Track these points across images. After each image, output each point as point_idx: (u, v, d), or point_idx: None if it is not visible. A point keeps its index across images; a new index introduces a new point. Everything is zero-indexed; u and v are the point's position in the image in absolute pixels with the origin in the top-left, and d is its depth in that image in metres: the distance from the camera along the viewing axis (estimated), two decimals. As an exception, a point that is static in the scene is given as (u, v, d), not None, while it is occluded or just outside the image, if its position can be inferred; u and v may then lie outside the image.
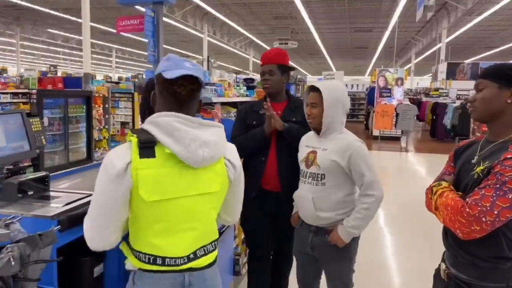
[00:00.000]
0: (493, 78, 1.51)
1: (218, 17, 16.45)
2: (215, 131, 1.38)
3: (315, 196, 2.14)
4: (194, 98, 1.40)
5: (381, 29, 17.62)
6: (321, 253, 2.19)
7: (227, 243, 2.87)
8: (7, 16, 17.64)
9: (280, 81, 2.49)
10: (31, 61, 29.55)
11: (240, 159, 2.39)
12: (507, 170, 1.36)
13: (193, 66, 1.39)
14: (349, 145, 2.09)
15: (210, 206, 1.43)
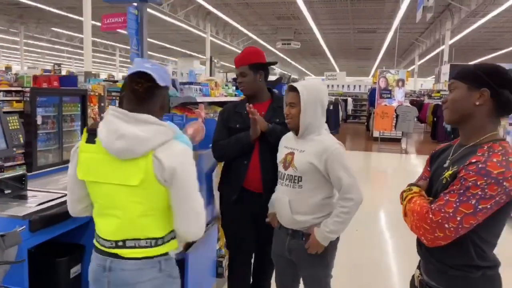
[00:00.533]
0: (463, 78, 1.46)
1: (221, 17, 16.42)
2: (148, 128, 1.44)
3: (292, 199, 2.10)
4: (152, 95, 1.50)
5: (384, 30, 17.53)
6: (298, 257, 2.16)
7: (210, 245, 2.84)
8: (11, 14, 17.72)
9: (254, 81, 2.43)
10: (36, 60, 29.68)
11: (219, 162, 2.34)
12: (471, 175, 1.31)
13: (152, 66, 1.50)
14: (326, 147, 2.04)
15: (131, 199, 1.48)
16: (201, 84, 3.05)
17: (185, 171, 1.47)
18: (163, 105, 1.58)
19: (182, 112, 2.88)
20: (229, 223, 2.58)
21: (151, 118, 1.47)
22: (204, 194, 2.60)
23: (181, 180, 1.47)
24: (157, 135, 1.44)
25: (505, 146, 1.38)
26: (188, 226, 1.53)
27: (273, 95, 2.56)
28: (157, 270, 1.53)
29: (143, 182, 1.44)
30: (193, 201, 1.52)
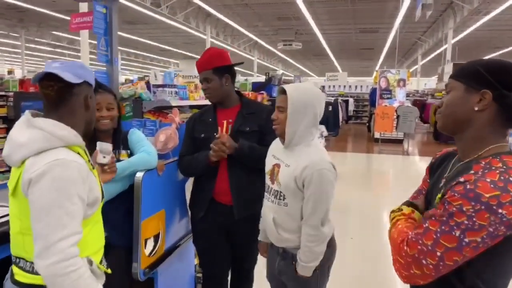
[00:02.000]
0: (461, 77, 1.16)
1: (221, 19, 16.27)
2: (32, 133, 1.28)
3: (276, 216, 1.90)
4: (68, 95, 1.36)
5: (386, 29, 17.28)
6: (287, 280, 1.97)
7: (187, 260, 2.66)
8: (11, 18, 17.67)
9: (220, 86, 2.22)
10: (38, 63, 29.73)
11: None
12: (455, 197, 1.03)
13: (61, 65, 1.35)
14: (309, 165, 1.77)
15: (13, 212, 1.33)
16: (177, 87, 2.86)
17: (38, 185, 1.21)
18: (88, 104, 1.42)
19: (156, 117, 2.69)
20: (199, 240, 2.38)
21: (41, 122, 1.30)
22: (176, 206, 2.42)
23: (32, 194, 1.22)
24: (32, 141, 1.27)
25: (506, 161, 1.08)
26: (34, 252, 1.23)
27: (242, 100, 2.35)
28: None
29: (15, 194, 1.29)
30: (41, 226, 1.22)
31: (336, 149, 11.89)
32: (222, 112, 2.29)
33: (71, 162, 1.27)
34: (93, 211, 1.39)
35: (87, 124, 1.45)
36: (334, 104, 11.78)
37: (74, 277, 1.22)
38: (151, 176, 2.07)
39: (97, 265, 1.40)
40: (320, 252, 1.84)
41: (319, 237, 1.81)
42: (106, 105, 2.04)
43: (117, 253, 2.05)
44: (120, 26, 18.18)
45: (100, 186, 1.44)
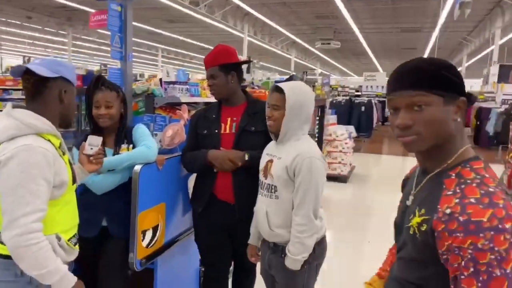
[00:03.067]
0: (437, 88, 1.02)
1: (259, 18, 16.32)
2: (7, 122, 1.42)
3: (269, 209, 1.95)
4: (43, 88, 1.49)
5: (429, 29, 16.69)
6: (276, 273, 2.01)
7: (191, 254, 2.69)
8: (60, 17, 18.57)
9: (226, 83, 2.23)
10: (85, 60, 31.06)
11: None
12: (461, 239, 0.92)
13: (41, 61, 1.50)
14: (299, 154, 1.86)
15: None
16: (188, 84, 2.91)
17: (7, 168, 1.36)
18: (62, 98, 1.54)
19: (166, 113, 2.76)
20: (200, 236, 2.40)
21: (16, 112, 1.44)
22: (179, 200, 2.47)
23: (1, 175, 1.37)
24: (8, 129, 1.41)
25: (477, 169, 1.02)
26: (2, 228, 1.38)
27: (248, 98, 2.35)
28: (12, 274, 1.44)
29: None
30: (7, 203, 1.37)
31: (369, 151, 11.64)
32: (227, 110, 2.31)
33: (37, 148, 1.40)
34: (61, 192, 1.51)
35: (63, 116, 1.57)
36: (368, 104, 11.51)
37: (35, 249, 1.37)
38: (150, 170, 2.12)
39: (66, 241, 1.55)
40: (309, 244, 1.85)
41: (309, 227, 1.83)
42: (105, 103, 2.10)
43: (117, 243, 2.13)
44: (161, 24, 18.71)
45: (70, 171, 1.57)
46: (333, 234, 4.84)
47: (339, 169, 7.44)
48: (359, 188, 7.34)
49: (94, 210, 2.09)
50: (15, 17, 17.47)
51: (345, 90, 15.51)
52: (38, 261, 1.38)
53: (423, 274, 1.07)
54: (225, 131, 2.25)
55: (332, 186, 7.09)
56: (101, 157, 1.84)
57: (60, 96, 1.53)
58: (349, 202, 6.44)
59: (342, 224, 5.15)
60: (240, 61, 2.30)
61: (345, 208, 5.91)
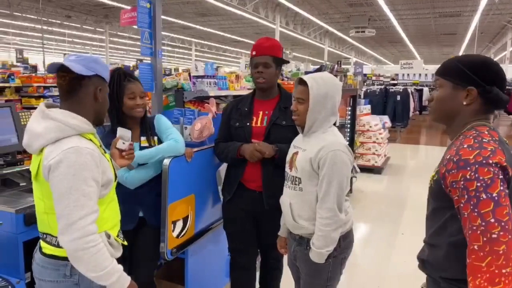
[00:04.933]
0: (446, 75, 1.35)
1: (290, 8, 16.16)
2: (47, 124, 1.42)
3: (293, 201, 1.95)
4: (78, 86, 1.48)
5: (470, 12, 15.93)
6: (301, 265, 2.01)
7: (221, 244, 2.75)
8: (97, 15, 19.15)
9: (275, 75, 2.28)
10: (122, 56, 31.93)
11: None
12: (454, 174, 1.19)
13: (76, 58, 1.48)
14: (324, 147, 1.84)
15: (37, 195, 1.50)
16: (216, 77, 2.95)
17: (57, 171, 1.36)
18: (96, 96, 1.52)
19: (195, 107, 2.82)
20: (227, 222, 2.46)
21: (55, 113, 1.44)
22: (208, 192, 2.52)
23: (52, 179, 1.38)
24: (48, 131, 1.41)
25: (480, 129, 1.28)
26: (58, 229, 1.39)
27: (281, 93, 2.38)
28: (61, 274, 1.48)
29: (37, 178, 1.46)
30: (62, 207, 1.37)
31: (405, 141, 11.35)
32: (259, 103, 2.34)
33: (84, 149, 1.40)
34: (107, 191, 1.53)
35: (97, 114, 1.56)
36: (403, 93, 11.18)
37: (93, 251, 1.38)
38: (179, 163, 2.18)
39: (115, 238, 1.57)
40: (334, 237, 1.84)
41: (334, 220, 1.81)
42: (140, 94, 2.17)
43: (149, 233, 2.21)
44: (194, 18, 18.92)
45: (112, 168, 1.58)
46: (366, 225, 4.79)
47: (373, 160, 7.31)
48: (394, 180, 7.18)
49: (131, 202, 2.15)
50: (55, 17, 18.16)
51: (379, 79, 15.09)
52: (97, 263, 1.39)
53: (443, 219, 1.31)
54: (256, 124, 2.29)
55: (366, 177, 6.97)
56: (132, 151, 1.87)
57: (95, 94, 1.51)
58: (383, 193, 6.32)
59: (375, 215, 5.09)
60: (284, 59, 2.36)
61: (379, 199, 5.81)
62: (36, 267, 1.54)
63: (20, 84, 6.19)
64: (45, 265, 1.50)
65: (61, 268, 1.47)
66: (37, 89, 6.28)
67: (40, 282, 1.52)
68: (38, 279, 1.53)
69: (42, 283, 1.51)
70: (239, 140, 2.29)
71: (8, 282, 2.03)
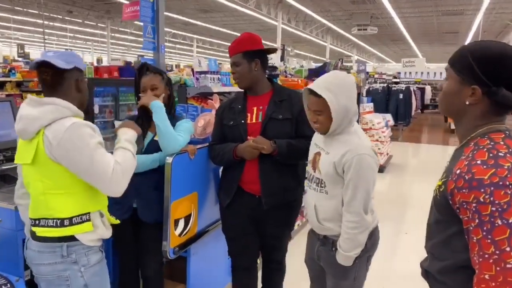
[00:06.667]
0: (455, 68, 1.19)
1: (293, 5, 16.09)
2: (43, 108, 1.50)
3: (318, 204, 1.88)
4: (61, 80, 1.57)
5: (473, 11, 15.85)
6: (325, 265, 1.95)
7: (223, 242, 2.70)
8: (99, 10, 19.08)
9: (249, 71, 2.17)
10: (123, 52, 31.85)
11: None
12: (466, 194, 1.05)
13: (55, 53, 1.58)
14: (349, 151, 1.75)
15: (34, 177, 1.54)
16: (220, 73, 2.90)
17: (70, 146, 1.47)
18: (79, 86, 1.63)
19: (198, 103, 2.77)
20: (226, 228, 2.38)
21: (53, 100, 1.53)
22: (211, 190, 2.48)
23: (67, 155, 1.48)
24: (46, 113, 1.50)
25: (494, 138, 1.12)
26: (103, 189, 1.57)
27: (274, 86, 2.29)
28: (59, 255, 1.54)
29: (36, 160, 1.51)
30: (91, 174, 1.51)
31: (407, 140, 11.30)
32: (252, 99, 2.26)
33: (83, 122, 1.54)
34: None
35: (80, 103, 1.65)
36: (406, 92, 11.12)
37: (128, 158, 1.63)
38: (182, 160, 2.14)
39: (108, 217, 1.70)
40: (361, 240, 1.79)
41: (360, 224, 1.76)
42: (150, 86, 2.19)
43: (148, 230, 2.18)
44: (196, 14, 18.84)
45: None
46: (369, 224, 4.73)
47: (375, 159, 7.25)
48: (396, 178, 7.14)
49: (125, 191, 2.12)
50: (57, 12, 18.09)
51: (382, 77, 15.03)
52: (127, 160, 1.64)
53: (447, 233, 1.19)
54: (252, 120, 2.21)
55: (368, 176, 6.91)
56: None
57: (77, 85, 1.63)
58: (385, 192, 6.29)
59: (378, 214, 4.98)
60: (264, 48, 2.23)
61: (382, 198, 5.77)
62: (31, 254, 1.59)
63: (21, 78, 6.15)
64: (41, 249, 1.55)
65: (57, 250, 1.54)
66: (38, 83, 6.24)
67: (39, 268, 1.57)
68: (35, 265, 1.58)
69: (41, 267, 1.56)
70: (234, 139, 2.21)
71: (7, 280, 1.99)
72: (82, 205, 1.57)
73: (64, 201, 1.54)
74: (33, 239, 1.59)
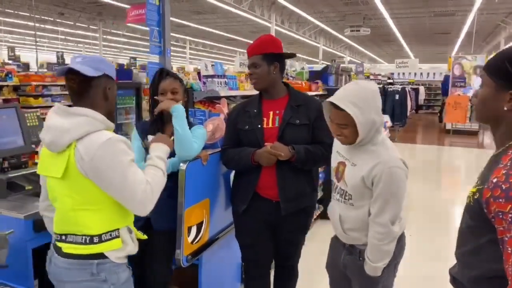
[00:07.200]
0: (491, 74, 1.18)
1: (286, 6, 16.11)
2: (75, 120, 1.43)
3: (343, 215, 1.84)
4: (88, 87, 1.49)
5: (464, 12, 15.99)
6: (352, 274, 1.90)
7: (231, 248, 2.67)
8: (91, 12, 18.92)
9: (267, 73, 2.14)
10: (115, 54, 31.65)
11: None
12: (502, 204, 1.05)
13: (83, 60, 1.49)
14: (379, 163, 1.69)
15: (63, 192, 1.48)
16: (227, 77, 2.87)
17: (103, 163, 1.41)
18: (106, 95, 1.55)
19: (205, 107, 2.74)
20: (241, 235, 2.35)
21: (83, 110, 1.46)
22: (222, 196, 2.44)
23: (100, 172, 1.41)
24: (79, 126, 1.43)
25: None
26: (130, 208, 1.50)
27: (290, 91, 2.26)
28: (88, 273, 1.47)
29: (66, 174, 1.44)
30: (121, 192, 1.44)
31: (402, 141, 11.35)
32: (268, 103, 2.22)
33: (118, 138, 1.46)
34: None
35: (108, 112, 1.57)
36: (401, 93, 11.19)
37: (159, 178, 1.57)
38: (195, 166, 2.11)
39: (136, 233, 1.63)
40: (388, 250, 1.75)
41: (388, 235, 1.72)
42: (171, 90, 2.17)
43: (160, 238, 2.14)
44: (189, 16, 18.76)
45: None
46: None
47: (373, 160, 7.26)
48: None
49: None
50: (48, 14, 17.90)
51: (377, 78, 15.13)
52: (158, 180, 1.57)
53: (479, 241, 1.18)
54: (268, 125, 2.18)
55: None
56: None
57: (105, 94, 1.54)
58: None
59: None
60: (284, 53, 2.21)
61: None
62: (57, 270, 1.51)
63: (18, 82, 6.05)
64: (70, 266, 1.49)
65: (87, 267, 1.47)
66: (35, 88, 6.13)
67: (65, 285, 1.51)
68: (62, 282, 1.51)
69: (68, 285, 1.50)
70: (250, 143, 2.18)
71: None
72: (111, 221, 1.50)
73: (94, 217, 1.47)
74: (59, 254, 1.51)
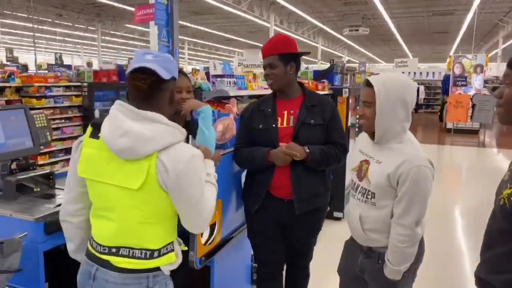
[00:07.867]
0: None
1: (285, 6, 16.10)
2: (154, 127, 1.32)
3: (364, 215, 1.79)
4: (158, 90, 1.37)
5: (463, 11, 16.03)
6: (370, 279, 1.85)
7: (242, 250, 2.66)
8: (89, 13, 18.88)
9: (284, 74, 2.13)
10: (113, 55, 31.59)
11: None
12: None
13: (155, 58, 1.35)
14: (406, 161, 1.65)
15: (129, 204, 1.36)
16: (235, 77, 2.85)
17: (188, 179, 1.34)
18: (172, 99, 1.44)
19: (214, 107, 2.72)
20: (254, 234, 2.33)
21: (160, 117, 1.35)
22: (233, 196, 2.42)
23: (182, 187, 1.33)
24: (163, 135, 1.32)
25: None
26: (194, 228, 1.48)
27: (305, 91, 2.25)
28: (143, 287, 1.39)
29: (144, 186, 1.32)
30: (193, 208, 1.39)
31: (403, 140, 11.34)
32: (282, 103, 2.21)
33: (199, 154, 1.40)
34: None
35: (170, 116, 1.45)
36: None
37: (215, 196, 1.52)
38: (207, 167, 2.08)
39: (182, 245, 1.57)
40: (411, 253, 1.70)
41: (411, 237, 1.67)
42: (186, 88, 2.10)
43: None
44: (188, 17, 18.73)
45: None
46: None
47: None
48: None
49: None
50: (47, 15, 17.85)
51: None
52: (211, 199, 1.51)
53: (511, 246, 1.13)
54: (282, 125, 2.16)
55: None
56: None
57: (172, 97, 1.43)
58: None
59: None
60: (299, 52, 2.19)
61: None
62: (108, 286, 1.39)
63: (21, 84, 6.01)
64: (126, 281, 1.38)
65: (143, 281, 1.39)
66: (38, 89, 6.11)
67: None
68: None
69: None
70: (263, 143, 2.16)
71: (28, 295, 1.91)
72: (168, 235, 1.44)
73: (157, 231, 1.40)
74: (109, 268, 1.40)
